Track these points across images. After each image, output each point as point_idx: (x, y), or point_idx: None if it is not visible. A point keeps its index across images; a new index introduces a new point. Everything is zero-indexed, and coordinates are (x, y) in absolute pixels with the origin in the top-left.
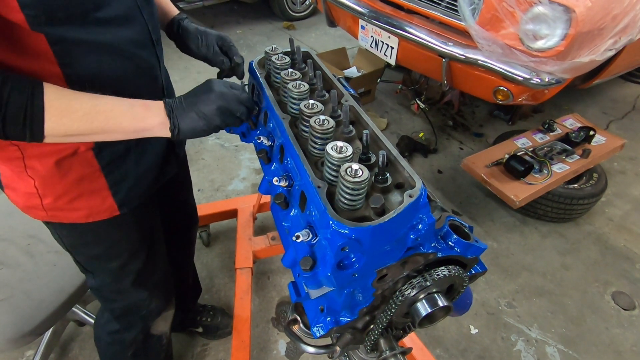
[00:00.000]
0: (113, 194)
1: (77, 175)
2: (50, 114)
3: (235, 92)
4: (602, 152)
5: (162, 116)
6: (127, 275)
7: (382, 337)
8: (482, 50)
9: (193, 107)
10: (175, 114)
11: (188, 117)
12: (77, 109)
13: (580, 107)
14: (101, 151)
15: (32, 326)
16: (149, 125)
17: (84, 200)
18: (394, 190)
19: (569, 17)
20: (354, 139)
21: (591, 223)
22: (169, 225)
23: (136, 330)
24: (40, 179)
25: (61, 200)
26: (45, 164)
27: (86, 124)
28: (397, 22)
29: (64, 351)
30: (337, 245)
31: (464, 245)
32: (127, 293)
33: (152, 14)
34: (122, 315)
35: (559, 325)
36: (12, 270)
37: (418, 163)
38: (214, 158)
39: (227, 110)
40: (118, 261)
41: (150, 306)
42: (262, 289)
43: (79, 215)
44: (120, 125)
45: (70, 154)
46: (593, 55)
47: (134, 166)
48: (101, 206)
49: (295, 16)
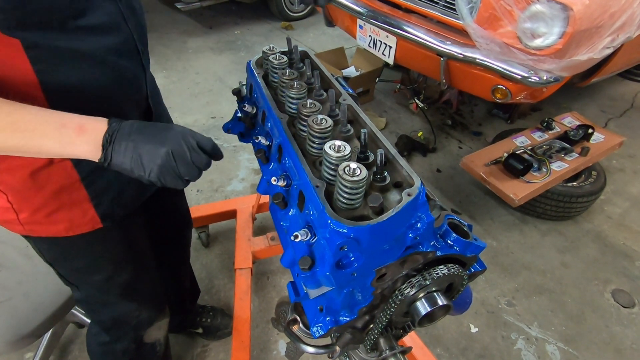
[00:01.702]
0: (95, 205)
1: (55, 187)
2: None
3: (194, 156)
4: (600, 150)
5: (96, 145)
6: (113, 287)
7: (382, 337)
8: (480, 49)
9: (136, 148)
10: (112, 147)
11: (125, 156)
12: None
13: (579, 105)
14: (81, 161)
15: (31, 328)
16: (76, 152)
17: (63, 213)
18: (392, 189)
19: (567, 15)
20: (352, 138)
21: (590, 221)
22: (161, 230)
23: (127, 340)
24: (13, 193)
25: (39, 214)
26: (18, 177)
27: (1, 142)
28: (395, 21)
29: (63, 353)
30: (335, 244)
31: (463, 243)
32: (114, 305)
33: (138, 23)
34: (111, 327)
35: (559, 323)
36: (11, 273)
37: (417, 162)
38: None
39: (171, 171)
40: (102, 274)
41: (140, 317)
42: (262, 290)
43: (58, 228)
44: (40, 147)
45: (45, 164)
46: (591, 53)
47: (116, 177)
48: (82, 219)
49: (293, 16)
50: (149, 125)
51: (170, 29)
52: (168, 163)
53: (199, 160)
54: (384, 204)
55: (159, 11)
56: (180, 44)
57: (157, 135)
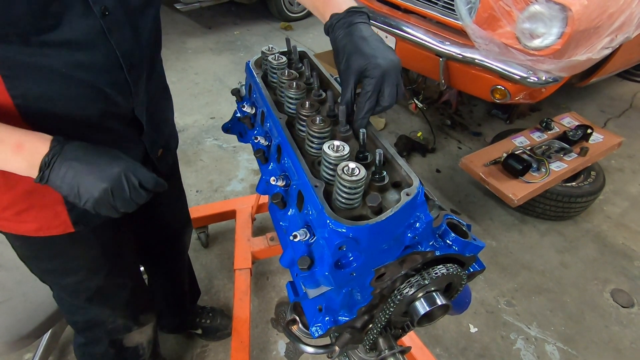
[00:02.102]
0: (68, 209)
1: (28, 187)
2: None
3: (133, 193)
4: (599, 150)
5: (32, 164)
6: (83, 292)
7: (381, 336)
8: (479, 49)
9: (75, 177)
10: (51, 169)
11: (63, 182)
12: None
13: (578, 105)
14: None
15: (30, 329)
16: (9, 168)
17: (33, 213)
18: (391, 188)
19: (565, 15)
20: (351, 138)
21: (589, 221)
22: (160, 233)
23: (104, 345)
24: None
25: (7, 212)
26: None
27: None
28: (394, 21)
29: (62, 353)
30: (334, 244)
31: (462, 243)
32: (86, 309)
33: (127, 38)
34: (85, 329)
35: (558, 323)
36: (10, 273)
37: (416, 162)
38: (212, 159)
39: (107, 204)
40: (73, 278)
41: (115, 323)
42: (261, 290)
43: (27, 228)
44: None
45: None
46: (590, 53)
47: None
48: (53, 221)
49: (292, 17)
50: (93, 154)
51: (169, 29)
52: (105, 198)
53: (137, 197)
54: (383, 204)
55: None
56: (179, 45)
57: (99, 167)
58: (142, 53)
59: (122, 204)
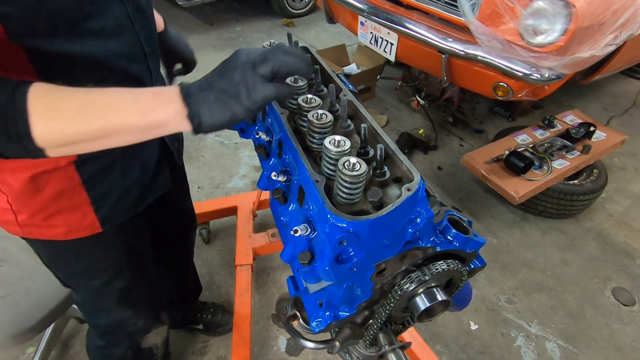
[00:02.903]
0: (95, 209)
1: (55, 190)
2: (37, 116)
3: (298, 61)
4: (602, 148)
5: (177, 104)
6: (110, 294)
7: (381, 332)
8: (481, 46)
9: (223, 86)
10: (195, 100)
11: (215, 101)
12: (68, 108)
13: (581, 103)
14: (84, 164)
15: (33, 323)
16: (160, 117)
17: (62, 216)
18: (392, 184)
19: (569, 12)
20: (353, 133)
21: (591, 219)
22: (167, 231)
23: (124, 346)
24: (13, 195)
25: (37, 217)
26: (18, 179)
27: (82, 125)
28: (396, 18)
29: (65, 348)
30: (335, 238)
31: (462, 239)
32: (110, 311)
33: (146, 25)
34: (106, 333)
35: (559, 321)
36: (12, 268)
37: (418, 159)
38: (213, 155)
39: (282, 92)
40: (100, 279)
41: (137, 324)
42: (262, 286)
43: (56, 232)
44: (124, 123)
45: (49, 170)
46: (593, 50)
47: (119, 180)
48: (82, 223)
49: (294, 13)
50: (215, 69)
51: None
52: (290, 64)
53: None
54: (384, 199)
55: (159, 8)
56: None
57: (233, 61)
58: (155, 39)
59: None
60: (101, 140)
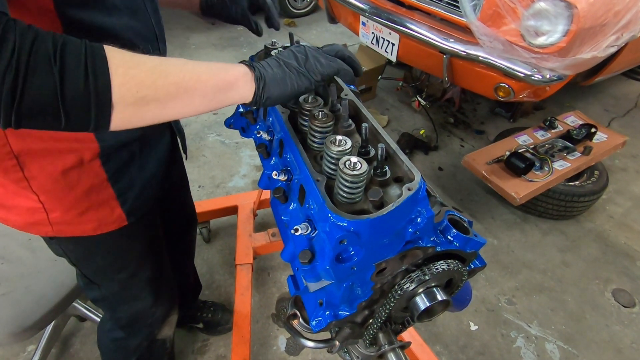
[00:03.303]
0: (121, 203)
1: (86, 186)
2: (115, 65)
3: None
4: (603, 149)
5: (245, 67)
6: (135, 284)
7: (381, 332)
8: (483, 47)
9: (282, 61)
10: (260, 66)
11: (279, 68)
12: (146, 61)
13: (582, 104)
14: (108, 160)
15: (33, 321)
16: (230, 76)
17: (93, 212)
18: (392, 183)
19: (571, 13)
20: (354, 133)
21: (592, 220)
22: (169, 227)
23: (141, 337)
24: (45, 193)
25: (70, 214)
26: (50, 176)
27: (160, 78)
28: (398, 18)
29: (65, 346)
30: (335, 237)
31: (463, 239)
32: (134, 302)
33: (155, 10)
34: (127, 324)
35: (558, 322)
36: (13, 266)
37: (419, 160)
38: (214, 155)
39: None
40: (127, 271)
41: (155, 314)
42: (263, 285)
43: (87, 228)
44: (199, 79)
45: (76, 165)
46: (595, 51)
47: (138, 173)
48: (110, 217)
49: (296, 13)
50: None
51: (173, 24)
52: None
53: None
54: (385, 199)
55: (161, 7)
56: (183, 40)
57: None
58: (162, 25)
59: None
60: (173, 101)
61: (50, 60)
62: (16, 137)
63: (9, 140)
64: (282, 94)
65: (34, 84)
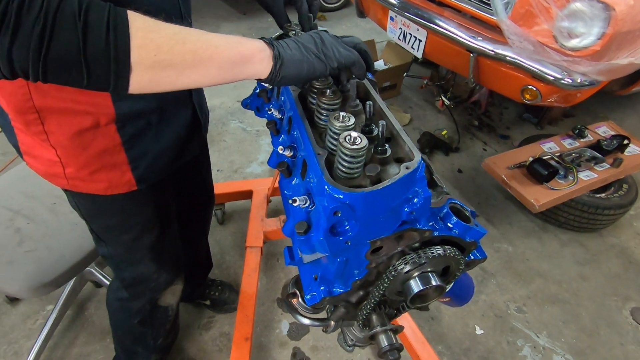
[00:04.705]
0: (132, 169)
1: (99, 148)
2: (136, 27)
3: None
4: (635, 162)
5: (263, 43)
6: (139, 248)
7: (375, 313)
8: (512, 47)
9: (301, 44)
10: (279, 45)
11: (297, 49)
12: (166, 27)
13: (618, 115)
14: (124, 125)
15: (52, 277)
16: (247, 50)
17: (104, 173)
18: (392, 162)
19: (608, 15)
20: (360, 113)
21: (616, 236)
22: (187, 203)
23: (144, 300)
24: (62, 149)
25: (83, 171)
26: (66, 133)
27: (178, 44)
28: (426, 14)
29: (80, 309)
30: (329, 208)
31: (463, 227)
32: (137, 265)
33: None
34: (131, 285)
35: (570, 335)
36: (38, 226)
37: (438, 160)
38: (235, 140)
39: (358, 60)
40: (131, 234)
41: (158, 279)
42: (271, 270)
43: (98, 187)
44: (216, 50)
45: (91, 126)
46: (632, 57)
47: (153, 144)
48: (120, 180)
49: (327, 7)
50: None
51: (205, 12)
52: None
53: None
54: (383, 176)
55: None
56: (213, 28)
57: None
58: (189, 3)
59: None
60: (190, 68)
61: (75, 18)
62: (39, 94)
63: (32, 96)
64: (298, 75)
65: (59, 39)
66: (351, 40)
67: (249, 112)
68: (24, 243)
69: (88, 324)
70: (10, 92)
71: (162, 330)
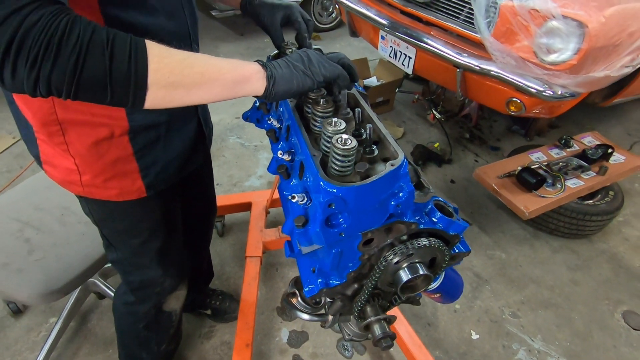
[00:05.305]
0: (142, 177)
1: (113, 157)
2: (152, 54)
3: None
4: (620, 170)
5: (259, 65)
6: (147, 252)
7: (369, 305)
8: (496, 62)
9: (291, 63)
10: (272, 65)
11: (288, 68)
12: (177, 53)
13: (604, 126)
14: (136, 136)
15: (60, 285)
16: (246, 72)
17: (117, 180)
18: (380, 161)
19: (582, 32)
20: (351, 120)
21: (605, 241)
22: (190, 212)
23: (149, 304)
24: (80, 158)
25: (98, 179)
26: (84, 144)
27: (187, 68)
28: (415, 33)
29: (83, 320)
30: (324, 201)
31: (446, 221)
32: (144, 269)
33: (192, 13)
34: (138, 289)
35: (563, 338)
36: (47, 236)
37: (431, 172)
38: (233, 155)
39: (343, 75)
40: (140, 238)
41: (164, 284)
42: (270, 280)
43: (111, 193)
44: (220, 72)
45: (106, 137)
46: (608, 71)
47: (162, 153)
48: (131, 187)
49: (321, 27)
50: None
51: (204, 34)
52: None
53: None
54: (371, 173)
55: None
56: (212, 49)
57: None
58: (197, 28)
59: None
60: (197, 88)
61: (103, 47)
62: (62, 108)
63: (56, 110)
64: (289, 90)
65: (91, 64)
66: (336, 55)
67: (247, 128)
68: (34, 252)
69: (91, 336)
70: (37, 106)
71: (166, 335)
